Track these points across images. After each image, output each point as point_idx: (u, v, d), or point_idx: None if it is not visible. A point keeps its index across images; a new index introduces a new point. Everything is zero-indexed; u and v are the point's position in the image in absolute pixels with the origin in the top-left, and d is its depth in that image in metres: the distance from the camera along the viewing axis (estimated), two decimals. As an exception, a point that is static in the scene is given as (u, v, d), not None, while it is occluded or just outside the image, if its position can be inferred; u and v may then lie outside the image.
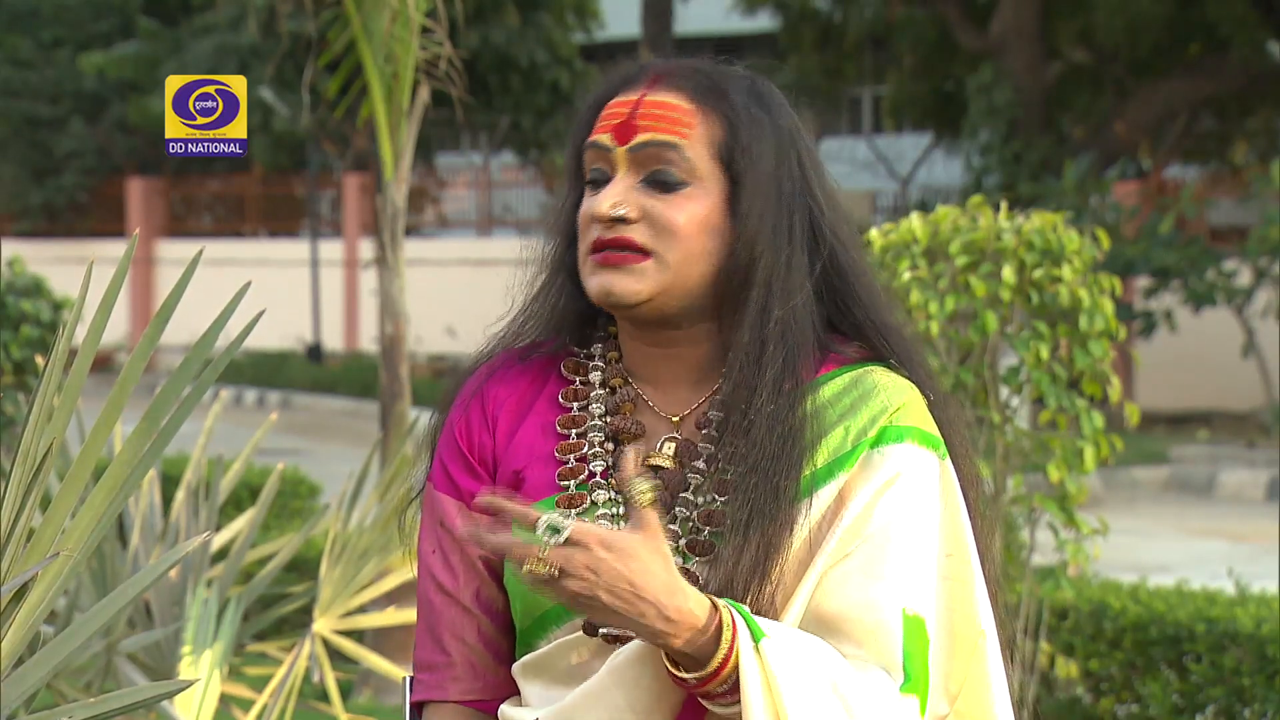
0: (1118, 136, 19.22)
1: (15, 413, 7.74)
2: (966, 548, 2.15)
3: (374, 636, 6.44)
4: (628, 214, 2.12)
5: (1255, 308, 16.23)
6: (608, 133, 2.16)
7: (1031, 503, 5.56)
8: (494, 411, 2.22)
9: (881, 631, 2.06)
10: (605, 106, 2.19)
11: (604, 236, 2.13)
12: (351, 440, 16.84)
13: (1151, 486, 14.48)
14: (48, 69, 28.22)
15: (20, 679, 2.26)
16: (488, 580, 2.19)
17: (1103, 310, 5.39)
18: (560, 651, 2.12)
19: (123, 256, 2.27)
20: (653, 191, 2.14)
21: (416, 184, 26.32)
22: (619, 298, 2.12)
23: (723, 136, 2.15)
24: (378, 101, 6.75)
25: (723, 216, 2.14)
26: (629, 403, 2.19)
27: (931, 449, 2.15)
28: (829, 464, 2.10)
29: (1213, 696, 5.90)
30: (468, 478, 2.21)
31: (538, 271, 2.26)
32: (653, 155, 2.13)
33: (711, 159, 2.14)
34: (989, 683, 2.15)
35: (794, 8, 22.51)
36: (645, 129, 2.14)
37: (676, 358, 2.19)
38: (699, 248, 2.13)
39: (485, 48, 21.30)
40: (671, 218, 2.12)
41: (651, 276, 2.12)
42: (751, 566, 2.06)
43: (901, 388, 2.17)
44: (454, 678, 2.20)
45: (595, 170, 2.18)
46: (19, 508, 2.21)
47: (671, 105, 2.15)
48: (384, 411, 7.09)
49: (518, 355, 2.26)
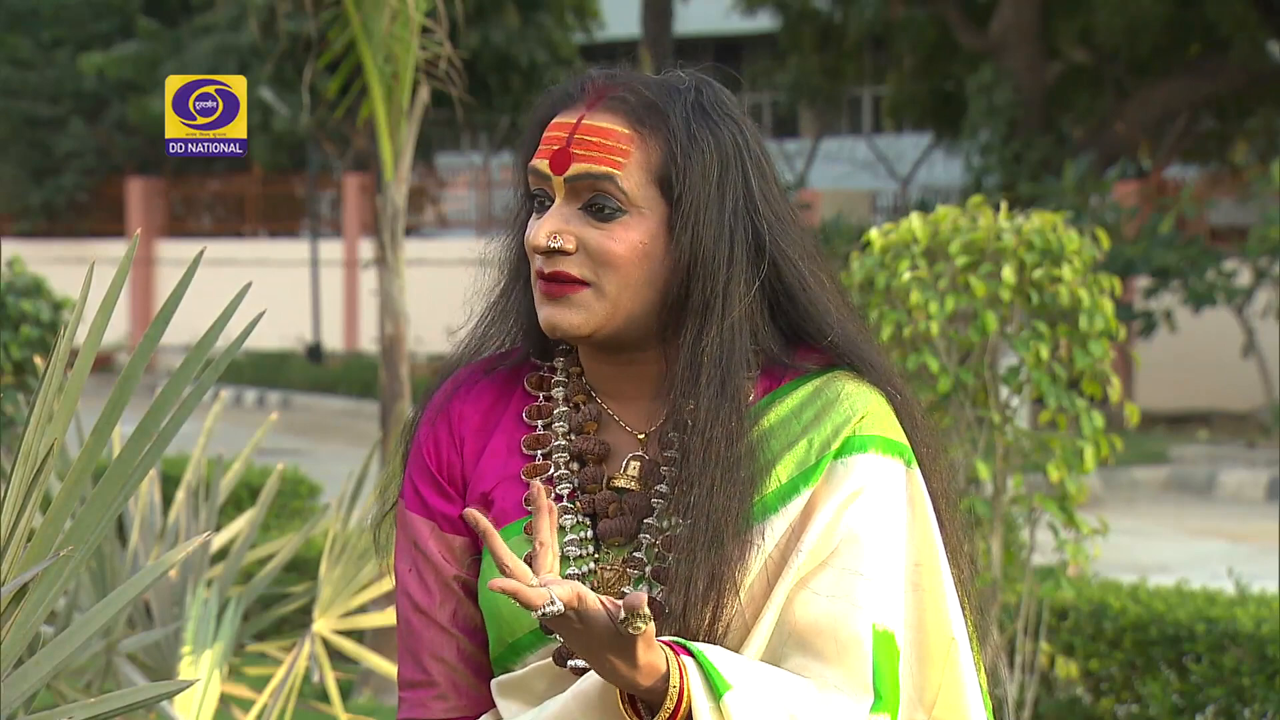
0: (1118, 136, 19.23)
1: (15, 413, 7.74)
2: (936, 555, 2.13)
3: (374, 636, 6.44)
4: (564, 245, 2.09)
5: (1255, 308, 16.23)
6: (545, 159, 2.13)
7: (1031, 503, 5.56)
8: (460, 430, 2.20)
9: (851, 648, 2.04)
10: (546, 126, 2.16)
11: (544, 269, 2.11)
12: (351, 440, 16.84)
13: (1151, 486, 14.48)
14: (48, 69, 28.23)
15: (20, 679, 2.26)
16: (464, 600, 2.18)
17: (1103, 310, 5.39)
18: (534, 675, 2.12)
19: (123, 257, 2.27)
20: (590, 220, 2.10)
21: (416, 184, 26.33)
22: (564, 331, 2.10)
23: (660, 160, 2.11)
24: (378, 101, 6.75)
25: (661, 241, 2.10)
26: (592, 421, 2.17)
27: (897, 456, 2.13)
28: (794, 478, 2.09)
29: (1213, 696, 5.90)
30: (438, 498, 2.19)
31: (497, 277, 2.24)
32: (589, 185, 2.10)
33: (649, 184, 2.11)
34: (964, 689, 2.14)
35: (794, 8, 22.52)
36: (580, 159, 2.10)
37: (637, 374, 2.17)
38: (639, 275, 2.10)
39: (485, 48, 21.30)
40: (609, 248, 2.09)
41: (592, 308, 2.10)
42: (705, 592, 2.05)
43: (865, 395, 2.14)
44: (437, 696, 2.20)
45: (538, 191, 2.15)
46: (19, 508, 2.21)
47: (607, 131, 2.11)
48: (384, 411, 7.09)
49: (483, 368, 2.23)
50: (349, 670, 6.40)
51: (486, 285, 2.25)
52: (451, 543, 2.18)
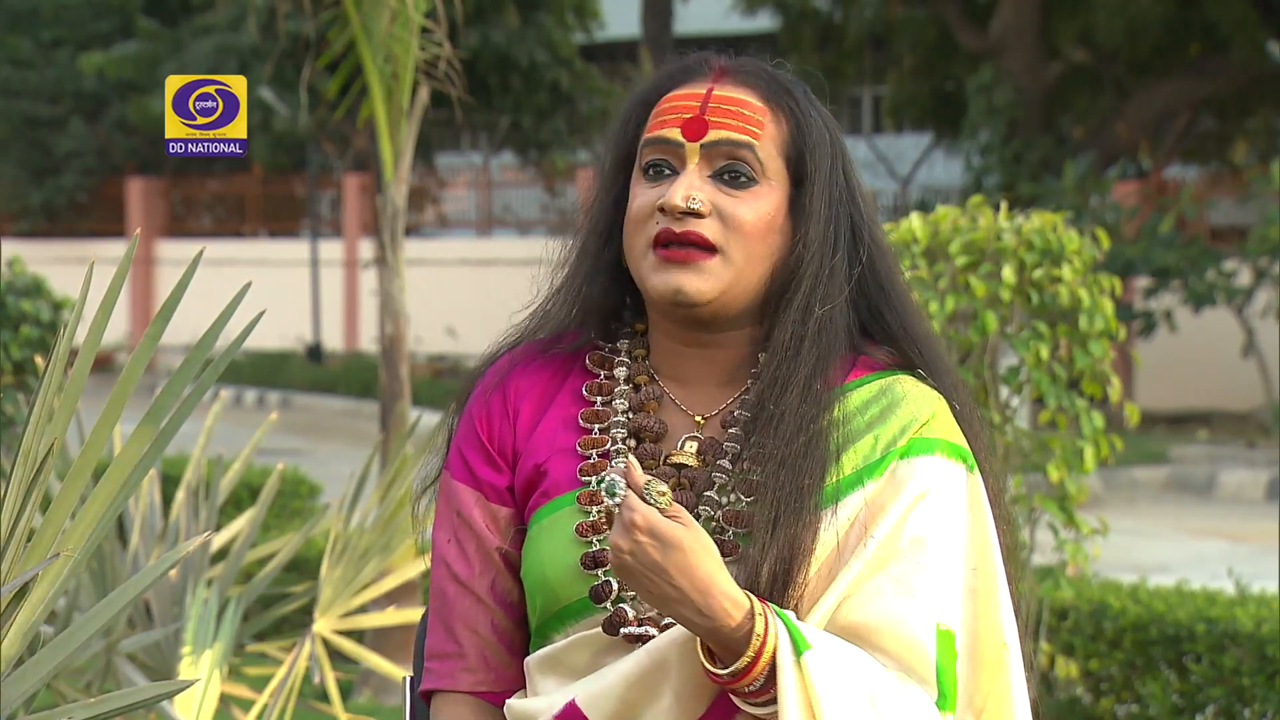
0: (1118, 136, 19.22)
1: (15, 413, 7.74)
2: (993, 561, 2.14)
3: (374, 636, 6.44)
4: (701, 208, 2.11)
5: (1255, 308, 16.22)
6: (676, 127, 2.14)
7: (1031, 503, 5.56)
8: (515, 403, 2.21)
9: (916, 645, 2.05)
10: (664, 99, 2.17)
11: (674, 229, 2.11)
12: (351, 440, 16.84)
13: (1151, 486, 14.48)
14: (48, 69, 28.22)
15: (20, 679, 2.26)
16: (504, 572, 2.18)
17: (1103, 310, 5.39)
18: (577, 647, 2.11)
19: (123, 256, 2.27)
20: (723, 187, 2.13)
21: (416, 184, 26.32)
22: (688, 296, 2.11)
23: (790, 137, 2.15)
24: (377, 102, 6.75)
25: (785, 217, 2.14)
26: (654, 400, 2.18)
27: (960, 461, 2.14)
28: (857, 471, 2.10)
29: (1213, 696, 5.90)
30: (487, 469, 2.19)
31: (562, 265, 2.24)
32: (725, 152, 2.13)
33: (779, 158, 2.14)
34: (1011, 697, 2.14)
35: (794, 8, 22.51)
36: (718, 125, 2.13)
37: (708, 358, 2.18)
38: (763, 247, 2.12)
39: (485, 48, 21.30)
40: (742, 215, 2.11)
41: (718, 275, 2.11)
42: (776, 567, 2.05)
43: (930, 398, 2.16)
44: (465, 668, 2.19)
45: (657, 163, 2.15)
46: (19, 508, 2.21)
47: (743, 102, 2.14)
48: (384, 411, 7.09)
49: (540, 347, 2.24)
50: (349, 670, 6.40)
51: (557, 262, 2.25)
52: (497, 513, 2.18)
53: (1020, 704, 2.14)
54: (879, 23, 21.73)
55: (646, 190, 2.14)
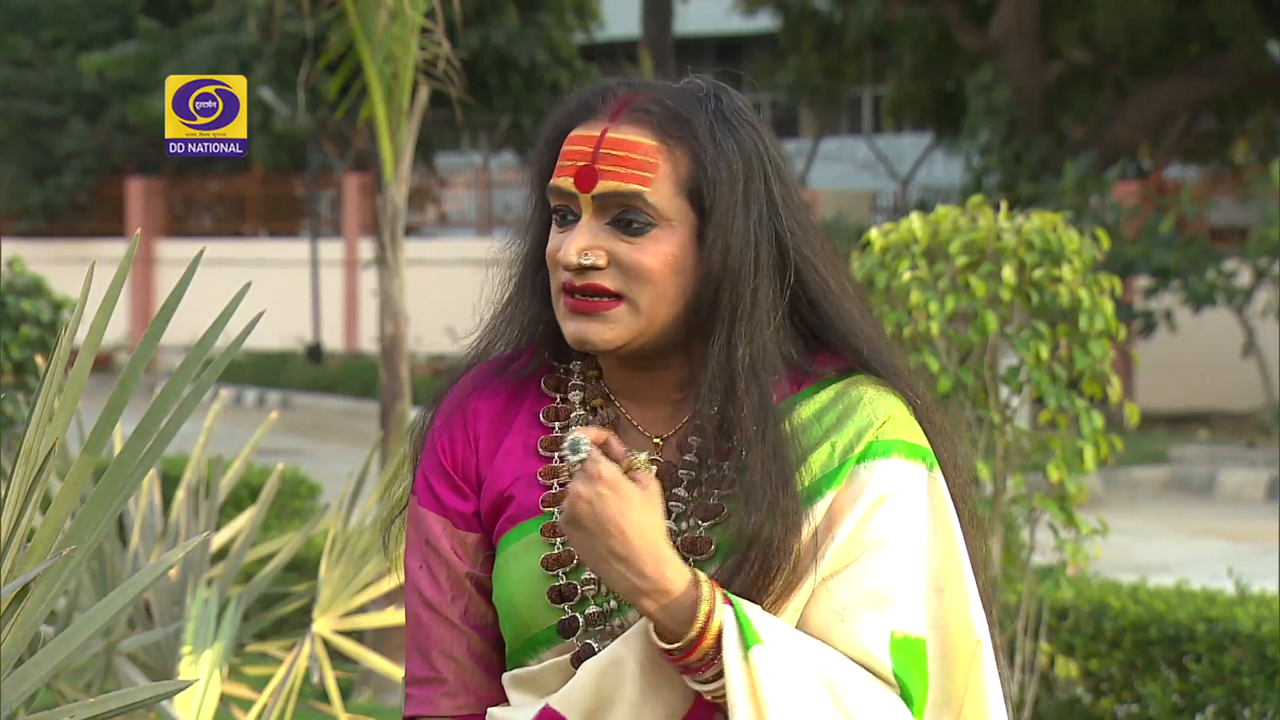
0: (1118, 136, 19.23)
1: (15, 413, 7.74)
2: (959, 558, 2.13)
3: (374, 636, 6.44)
4: (596, 262, 2.08)
5: (1255, 308, 16.22)
6: (570, 176, 2.10)
7: (1031, 503, 5.56)
8: (475, 428, 2.20)
9: (867, 654, 2.05)
10: (566, 139, 2.12)
11: (574, 282, 2.09)
12: (351, 440, 16.84)
13: (1151, 486, 14.48)
14: (48, 69, 28.23)
15: (20, 679, 2.26)
16: (476, 597, 2.18)
17: (1103, 310, 5.39)
18: (550, 672, 2.12)
19: (123, 256, 2.27)
20: (620, 234, 2.08)
21: (416, 184, 26.33)
22: (594, 345, 2.09)
23: (688, 172, 2.09)
24: (377, 102, 6.75)
25: (691, 252, 2.09)
26: (610, 424, 2.16)
27: (919, 460, 2.13)
28: (816, 482, 2.09)
29: (1213, 696, 5.91)
30: (453, 495, 2.19)
31: (508, 279, 2.22)
32: (618, 202, 2.08)
33: (678, 196, 2.09)
34: (985, 690, 2.14)
35: (794, 8, 22.53)
36: (608, 175, 2.08)
37: (659, 378, 2.16)
38: (670, 288, 2.09)
39: (485, 48, 21.30)
40: (641, 261, 2.08)
41: (624, 323, 2.09)
42: (746, 588, 2.05)
43: (887, 399, 2.15)
44: (445, 693, 2.19)
45: (560, 209, 2.13)
46: (19, 508, 2.21)
47: (634, 145, 2.08)
48: (384, 411, 7.09)
49: (496, 368, 2.22)
50: (349, 670, 6.40)
51: (492, 289, 2.23)
52: (464, 539, 2.18)
53: (994, 696, 2.14)
54: (879, 23, 21.75)
55: (556, 234, 2.13)
